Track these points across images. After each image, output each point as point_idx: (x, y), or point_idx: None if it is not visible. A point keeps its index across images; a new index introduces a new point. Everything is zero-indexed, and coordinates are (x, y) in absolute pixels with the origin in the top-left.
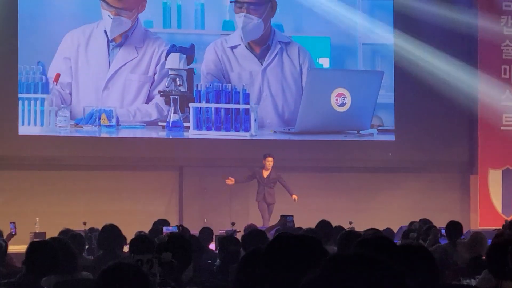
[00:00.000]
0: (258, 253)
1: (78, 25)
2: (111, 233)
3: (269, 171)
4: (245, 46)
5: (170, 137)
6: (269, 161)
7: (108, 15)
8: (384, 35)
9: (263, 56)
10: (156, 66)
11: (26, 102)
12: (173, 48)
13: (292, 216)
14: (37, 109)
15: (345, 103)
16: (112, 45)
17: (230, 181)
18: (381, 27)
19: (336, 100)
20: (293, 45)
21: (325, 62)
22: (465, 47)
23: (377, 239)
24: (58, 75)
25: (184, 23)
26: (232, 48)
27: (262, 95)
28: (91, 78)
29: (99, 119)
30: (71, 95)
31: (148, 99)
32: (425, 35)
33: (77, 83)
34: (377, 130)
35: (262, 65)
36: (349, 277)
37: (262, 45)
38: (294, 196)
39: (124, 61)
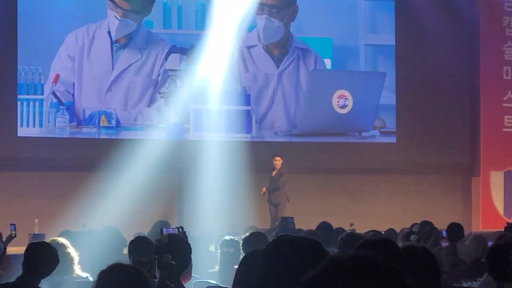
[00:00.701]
0: (258, 255)
1: (77, 25)
2: (111, 234)
3: (276, 171)
4: (263, 47)
5: (170, 138)
6: (276, 161)
7: (115, 16)
8: (386, 36)
9: (280, 60)
10: (160, 69)
11: (25, 103)
12: (173, 49)
13: (293, 217)
14: (36, 110)
15: (347, 105)
16: (116, 46)
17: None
18: (383, 28)
19: (338, 102)
20: (310, 52)
21: (327, 63)
22: (467, 48)
23: (379, 241)
24: (57, 76)
25: (185, 24)
26: (249, 48)
27: (275, 98)
28: (94, 79)
29: (99, 120)
30: (73, 95)
31: (151, 102)
32: (426, 36)
33: (80, 84)
34: (379, 132)
35: (278, 68)
36: (348, 278)
37: (280, 48)
38: (263, 188)
39: (128, 63)
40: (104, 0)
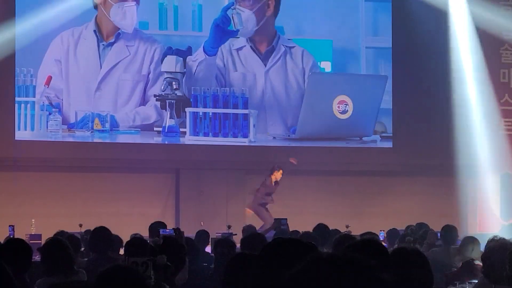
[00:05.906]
0: (245, 257)
1: (64, 29)
2: (101, 235)
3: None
4: (250, 46)
5: (166, 142)
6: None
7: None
8: (387, 38)
9: (267, 58)
10: (149, 65)
11: (16, 105)
12: (169, 51)
13: (286, 219)
14: (28, 113)
15: (347, 110)
16: (103, 44)
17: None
18: (384, 30)
19: (338, 107)
20: (297, 49)
21: (327, 65)
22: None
23: (366, 242)
24: (49, 78)
25: (181, 25)
26: (238, 49)
27: (265, 97)
28: (82, 80)
29: (92, 124)
30: (62, 100)
31: (144, 101)
32: (423, 39)
33: (68, 86)
34: (380, 136)
35: (265, 66)
36: (326, 272)
37: (266, 46)
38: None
39: (116, 61)
40: (89, 3)
